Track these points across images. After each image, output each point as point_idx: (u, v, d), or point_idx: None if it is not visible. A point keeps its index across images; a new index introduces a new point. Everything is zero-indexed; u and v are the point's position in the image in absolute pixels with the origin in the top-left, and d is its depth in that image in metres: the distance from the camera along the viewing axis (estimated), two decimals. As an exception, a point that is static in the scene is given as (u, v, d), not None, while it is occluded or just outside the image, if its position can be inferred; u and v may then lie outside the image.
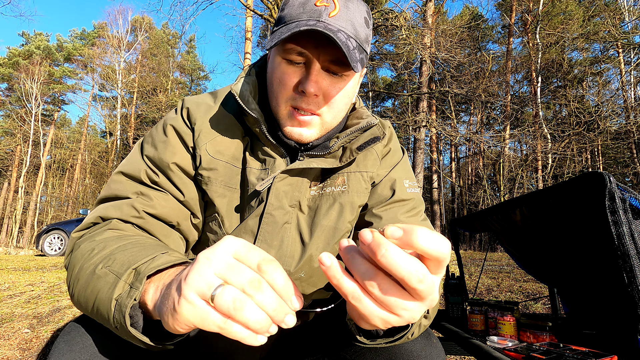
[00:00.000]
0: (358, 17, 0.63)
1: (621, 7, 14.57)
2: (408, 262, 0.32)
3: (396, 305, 0.34)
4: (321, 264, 0.35)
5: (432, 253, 0.31)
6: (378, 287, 0.34)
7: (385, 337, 0.51)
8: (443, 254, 0.32)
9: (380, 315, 0.36)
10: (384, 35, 14.63)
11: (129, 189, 0.67)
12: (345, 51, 0.57)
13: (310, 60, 0.63)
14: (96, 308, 0.50)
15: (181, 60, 28.77)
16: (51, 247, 8.77)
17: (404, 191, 0.77)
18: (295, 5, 0.62)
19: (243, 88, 0.70)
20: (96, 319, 0.52)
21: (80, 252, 0.58)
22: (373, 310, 0.35)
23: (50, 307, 3.02)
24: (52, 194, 26.82)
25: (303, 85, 0.63)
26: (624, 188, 1.08)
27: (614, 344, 1.21)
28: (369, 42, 0.67)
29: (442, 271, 0.34)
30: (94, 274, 0.52)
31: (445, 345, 1.62)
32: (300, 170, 0.70)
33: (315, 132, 0.69)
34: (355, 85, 0.71)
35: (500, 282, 3.92)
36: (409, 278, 0.32)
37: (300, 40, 0.61)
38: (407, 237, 0.31)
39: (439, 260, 0.32)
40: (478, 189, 18.11)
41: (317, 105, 0.66)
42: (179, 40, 28.02)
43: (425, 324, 0.55)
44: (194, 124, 0.71)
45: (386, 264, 0.32)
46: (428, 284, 0.32)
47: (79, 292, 0.54)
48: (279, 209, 0.69)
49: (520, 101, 17.58)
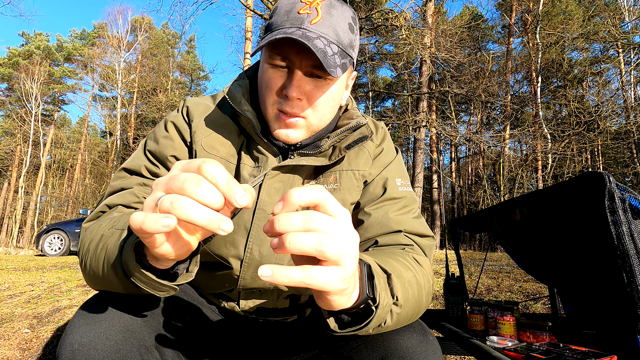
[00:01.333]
0: (342, 23, 0.66)
1: (621, 7, 14.58)
2: (296, 216, 0.35)
3: (327, 250, 0.36)
4: (263, 277, 0.35)
5: (306, 202, 0.36)
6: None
7: (354, 325, 0.52)
8: (312, 198, 0.36)
9: (332, 275, 0.37)
10: (384, 35, 14.63)
11: (132, 182, 0.73)
12: (321, 57, 0.59)
13: (292, 66, 0.66)
14: (106, 262, 0.54)
15: (181, 60, 28.80)
16: (51, 247, 8.78)
17: (396, 189, 0.79)
18: (281, 14, 0.66)
19: (235, 90, 0.74)
20: (108, 280, 0.55)
21: (89, 231, 0.63)
22: (325, 276, 0.37)
23: (50, 307, 3.02)
24: (52, 194, 26.83)
25: (286, 89, 0.66)
26: (623, 188, 1.08)
27: (614, 344, 1.21)
28: (354, 46, 0.69)
29: (333, 211, 0.37)
30: (102, 237, 0.57)
31: (445, 345, 1.61)
32: (292, 168, 0.73)
33: (301, 133, 0.72)
34: (341, 88, 0.73)
35: (500, 282, 3.92)
36: (307, 225, 0.35)
37: (283, 47, 0.64)
38: (287, 201, 0.36)
39: (315, 203, 0.37)
40: (478, 189, 18.12)
41: (301, 108, 0.69)
42: (179, 40, 28.06)
43: (398, 311, 0.55)
44: (192, 121, 0.76)
45: (283, 227, 0.35)
46: (327, 222, 0.36)
47: (90, 260, 0.58)
48: (270, 204, 0.72)
49: (520, 101, 17.58)
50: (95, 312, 0.58)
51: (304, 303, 0.81)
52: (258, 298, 0.77)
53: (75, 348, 0.52)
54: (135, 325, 0.59)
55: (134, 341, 0.57)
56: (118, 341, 0.55)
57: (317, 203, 0.37)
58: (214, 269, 0.75)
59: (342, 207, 0.39)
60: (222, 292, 0.79)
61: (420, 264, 0.65)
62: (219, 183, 0.37)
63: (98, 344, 0.53)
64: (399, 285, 0.55)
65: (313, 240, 0.35)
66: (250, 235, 0.71)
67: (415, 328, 0.64)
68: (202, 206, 0.35)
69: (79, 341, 0.53)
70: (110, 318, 0.57)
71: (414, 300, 0.59)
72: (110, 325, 0.56)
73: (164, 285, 0.49)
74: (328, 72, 0.61)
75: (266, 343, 0.82)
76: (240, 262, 0.72)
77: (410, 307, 0.58)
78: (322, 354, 0.76)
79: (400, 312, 0.56)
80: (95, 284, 0.61)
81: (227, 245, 0.72)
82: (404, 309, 0.57)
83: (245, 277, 0.73)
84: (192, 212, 0.35)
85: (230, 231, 0.36)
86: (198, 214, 0.35)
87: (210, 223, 0.35)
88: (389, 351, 0.61)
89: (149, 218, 0.35)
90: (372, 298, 0.49)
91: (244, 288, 0.74)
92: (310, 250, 0.35)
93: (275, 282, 0.35)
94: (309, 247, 0.35)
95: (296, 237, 0.35)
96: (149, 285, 0.49)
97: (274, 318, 0.81)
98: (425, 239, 0.76)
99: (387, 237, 0.73)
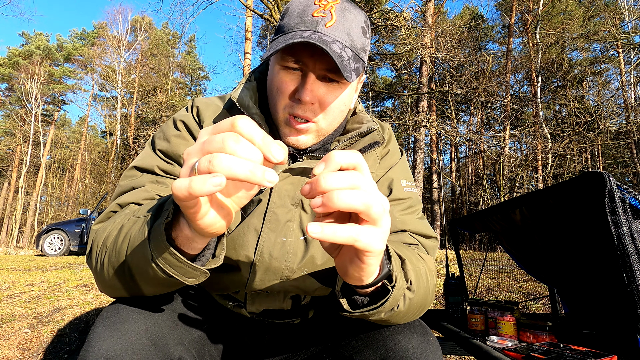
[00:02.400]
0: (355, 26, 0.65)
1: (621, 7, 14.57)
2: (341, 175, 0.37)
3: (365, 209, 0.37)
4: (312, 234, 0.36)
5: (347, 164, 0.38)
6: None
7: (368, 306, 0.52)
8: (352, 161, 0.38)
9: (376, 234, 0.39)
10: (384, 35, 14.63)
11: (144, 180, 0.70)
12: (338, 62, 0.59)
13: (306, 69, 0.65)
14: (130, 251, 0.51)
15: (181, 60, 28.78)
16: (51, 247, 8.77)
17: (401, 190, 0.79)
18: (293, 16, 0.65)
19: (243, 94, 0.73)
20: (129, 276, 0.53)
21: (101, 230, 0.60)
22: (370, 234, 0.38)
23: (50, 307, 3.02)
24: (52, 194, 26.83)
25: (299, 93, 0.65)
26: (623, 188, 1.08)
27: (614, 344, 1.22)
28: (366, 51, 0.69)
29: (367, 175, 0.39)
30: (122, 228, 0.55)
31: (445, 345, 1.61)
32: (302, 170, 0.72)
33: (311, 138, 0.71)
34: (352, 92, 0.72)
35: (500, 282, 3.92)
36: (352, 184, 0.37)
37: (296, 50, 0.63)
38: (327, 161, 0.38)
39: (355, 165, 0.38)
40: (478, 189, 18.11)
41: (313, 112, 0.68)
42: (179, 40, 28.05)
43: (410, 296, 0.55)
44: (203, 122, 0.75)
45: (328, 186, 0.36)
46: (369, 183, 0.38)
47: (109, 257, 0.55)
48: (281, 207, 0.71)
49: (520, 101, 17.58)
50: (120, 322, 0.56)
51: (307, 305, 0.81)
52: (265, 300, 0.77)
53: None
54: (161, 336, 0.58)
55: (160, 354, 0.56)
56: (145, 354, 0.54)
57: (355, 165, 0.38)
58: (223, 271, 0.74)
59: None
60: (229, 294, 0.78)
61: (425, 260, 0.66)
62: (254, 139, 0.36)
63: (124, 358, 0.52)
64: (412, 271, 0.56)
65: (360, 196, 0.36)
66: (261, 238, 0.70)
67: (416, 328, 0.64)
68: (241, 159, 0.34)
69: (105, 355, 0.51)
70: (136, 330, 0.55)
71: (424, 290, 0.60)
72: (137, 339, 0.54)
73: (196, 270, 0.47)
74: (344, 77, 0.60)
75: (271, 343, 0.83)
76: (250, 264, 0.71)
77: (420, 295, 0.59)
78: (323, 353, 0.76)
79: (412, 299, 0.57)
80: (110, 286, 0.58)
81: (237, 248, 0.70)
82: (416, 295, 0.57)
83: (255, 279, 0.72)
84: (234, 166, 0.33)
85: (276, 181, 0.35)
86: (240, 167, 0.33)
87: (254, 174, 0.34)
88: (389, 351, 0.61)
89: (197, 180, 0.33)
90: (389, 277, 0.51)
91: (252, 290, 0.74)
92: (357, 205, 0.36)
93: (323, 239, 0.36)
94: (357, 202, 0.36)
95: (344, 192, 0.36)
96: (180, 270, 0.47)
97: (280, 320, 0.81)
98: (429, 239, 0.77)
99: (393, 236, 0.73)
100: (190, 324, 0.69)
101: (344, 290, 0.54)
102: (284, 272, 0.71)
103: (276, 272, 0.71)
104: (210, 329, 0.75)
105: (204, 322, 0.74)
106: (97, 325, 0.56)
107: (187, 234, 0.45)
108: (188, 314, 0.70)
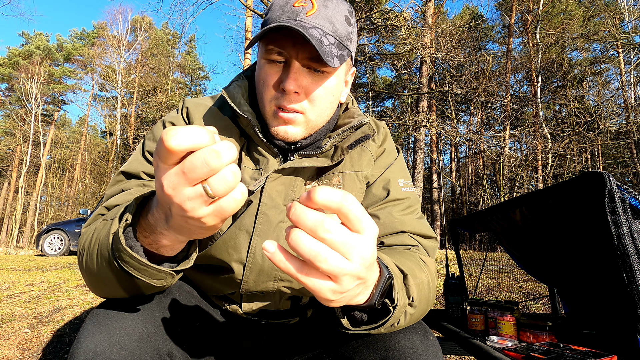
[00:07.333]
0: (338, 15, 0.66)
1: (621, 7, 14.57)
2: (311, 215, 0.33)
3: (328, 267, 0.34)
4: (265, 251, 0.35)
5: (325, 203, 0.33)
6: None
7: (369, 324, 0.51)
8: (333, 201, 0.33)
9: (323, 285, 0.35)
10: (384, 35, 14.61)
11: (131, 184, 0.70)
12: (316, 45, 0.58)
13: (289, 59, 0.65)
14: (99, 254, 0.52)
15: (181, 60, 28.76)
16: (51, 247, 8.77)
17: (399, 190, 0.78)
18: (276, 8, 0.66)
19: (234, 91, 0.73)
20: (104, 278, 0.54)
21: (86, 232, 0.61)
22: (317, 283, 0.35)
23: (50, 307, 3.02)
24: (52, 194, 26.81)
25: (283, 83, 0.64)
26: (623, 188, 1.08)
27: (614, 344, 1.21)
28: (351, 39, 0.68)
29: (354, 224, 0.35)
30: (95, 231, 0.56)
31: (445, 345, 1.61)
32: (293, 170, 0.71)
33: (300, 130, 0.70)
34: (339, 83, 0.72)
35: (500, 282, 3.92)
36: (315, 229, 0.33)
37: (278, 40, 0.63)
38: (308, 196, 0.33)
39: (335, 209, 0.33)
40: (478, 189, 18.11)
41: (300, 103, 0.67)
42: (179, 40, 28.06)
43: (412, 312, 0.55)
44: (192, 123, 0.74)
45: (294, 219, 0.33)
46: (338, 234, 0.33)
47: (86, 259, 0.56)
48: (272, 208, 0.70)
49: (520, 101, 17.57)
50: (108, 319, 0.57)
51: (306, 305, 0.81)
52: (260, 301, 0.77)
53: (89, 357, 0.52)
54: (149, 332, 0.58)
55: (148, 350, 0.56)
56: (133, 350, 0.54)
57: (337, 209, 0.34)
58: (217, 272, 0.74)
59: (370, 222, 0.36)
60: (225, 295, 0.78)
61: (427, 264, 0.66)
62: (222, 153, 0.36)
63: (113, 353, 0.52)
64: (414, 286, 0.55)
65: (313, 247, 0.33)
66: (253, 239, 0.69)
67: (416, 328, 0.64)
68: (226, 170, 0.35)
69: (93, 350, 0.52)
70: (124, 326, 0.56)
71: (425, 301, 0.60)
72: (124, 334, 0.55)
73: (160, 272, 0.48)
74: (325, 62, 0.60)
75: (268, 344, 0.82)
76: (243, 266, 0.70)
77: (422, 307, 0.59)
78: (323, 354, 0.76)
79: (414, 313, 0.56)
80: (93, 286, 0.59)
81: (230, 250, 0.70)
82: (417, 309, 0.57)
83: (248, 280, 0.71)
84: (231, 179, 0.35)
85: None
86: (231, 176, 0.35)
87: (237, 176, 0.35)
88: (389, 352, 0.61)
89: (227, 199, 0.35)
90: (391, 299, 0.49)
91: (246, 291, 0.74)
92: (305, 256, 0.33)
93: (272, 261, 0.35)
94: (306, 251, 0.33)
95: (299, 235, 0.33)
96: (143, 272, 0.48)
97: (276, 320, 0.81)
98: (428, 240, 0.76)
99: (393, 238, 0.73)
100: (181, 321, 0.68)
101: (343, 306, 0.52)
102: (277, 274, 0.71)
103: (269, 273, 0.71)
104: (204, 327, 0.75)
105: (197, 320, 0.74)
106: (87, 323, 0.57)
107: (164, 242, 0.46)
108: (180, 312, 0.70)
